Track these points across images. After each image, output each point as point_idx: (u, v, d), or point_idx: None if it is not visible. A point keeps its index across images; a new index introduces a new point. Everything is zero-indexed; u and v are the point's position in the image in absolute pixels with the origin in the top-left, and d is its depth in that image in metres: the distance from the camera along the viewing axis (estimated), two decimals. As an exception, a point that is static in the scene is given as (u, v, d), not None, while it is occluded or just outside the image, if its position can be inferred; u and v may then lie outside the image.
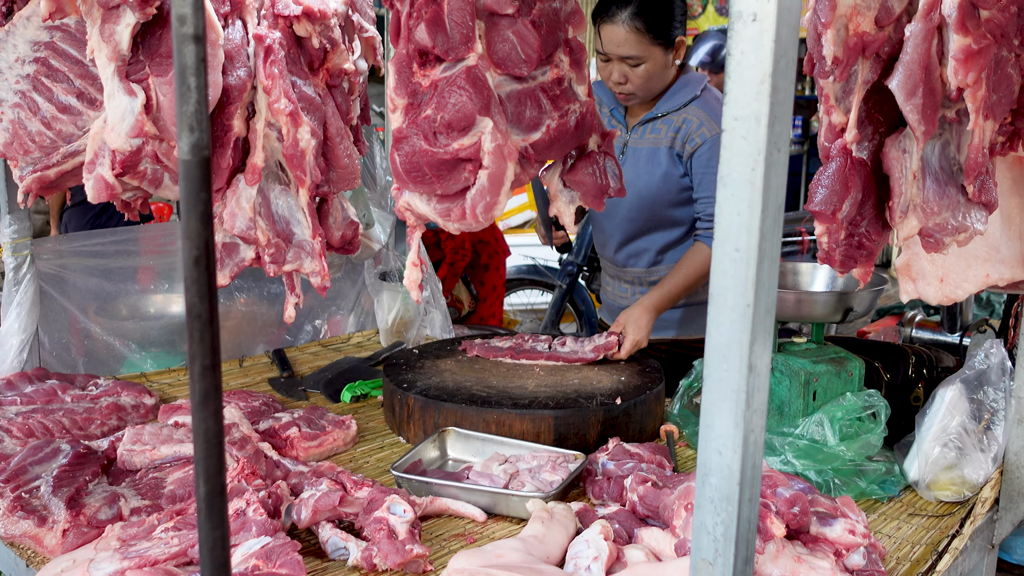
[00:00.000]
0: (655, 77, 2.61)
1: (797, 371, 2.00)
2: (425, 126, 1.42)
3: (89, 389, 2.40)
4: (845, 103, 1.33)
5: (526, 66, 1.41)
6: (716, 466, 0.99)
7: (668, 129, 2.65)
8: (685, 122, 2.62)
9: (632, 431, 2.17)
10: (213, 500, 0.93)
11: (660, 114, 2.68)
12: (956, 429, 1.90)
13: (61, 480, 1.81)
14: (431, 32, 1.42)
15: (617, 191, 1.56)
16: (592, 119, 1.51)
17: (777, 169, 0.94)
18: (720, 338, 0.97)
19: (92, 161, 1.76)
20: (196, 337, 0.89)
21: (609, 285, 2.99)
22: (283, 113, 1.76)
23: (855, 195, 1.31)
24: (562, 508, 1.68)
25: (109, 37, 1.65)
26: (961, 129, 1.31)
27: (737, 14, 0.92)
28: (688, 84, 2.69)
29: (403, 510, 1.67)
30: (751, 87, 0.92)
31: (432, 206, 1.47)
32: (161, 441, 1.99)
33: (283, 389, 2.66)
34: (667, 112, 2.67)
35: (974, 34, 1.21)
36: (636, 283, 2.86)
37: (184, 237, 0.87)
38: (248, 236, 1.83)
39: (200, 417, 0.90)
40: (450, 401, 2.14)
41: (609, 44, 2.54)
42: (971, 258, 1.51)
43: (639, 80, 2.59)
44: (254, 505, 1.63)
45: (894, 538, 1.76)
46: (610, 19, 2.52)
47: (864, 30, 1.29)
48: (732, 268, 0.96)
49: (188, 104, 0.85)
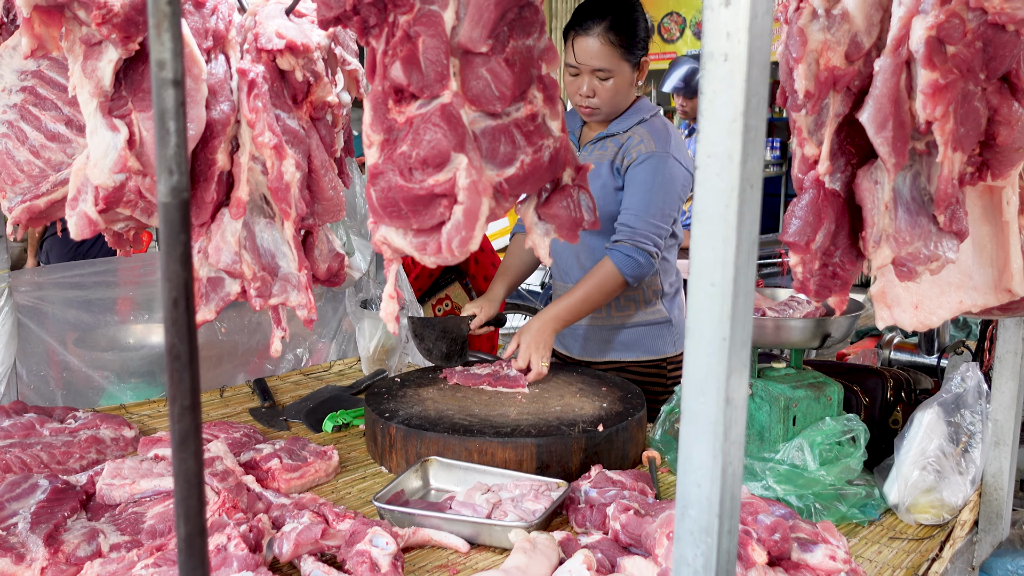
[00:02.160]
0: (621, 93, 2.71)
1: (777, 396, 2.01)
2: (401, 162, 1.43)
3: (68, 422, 2.38)
4: (817, 135, 1.36)
5: (500, 103, 1.42)
6: (695, 498, 1.00)
7: (613, 146, 2.76)
8: (628, 139, 2.74)
9: (614, 458, 2.17)
10: (193, 540, 0.93)
11: (611, 133, 2.79)
12: (934, 452, 1.92)
13: (39, 516, 1.79)
14: (406, 70, 1.44)
15: (591, 223, 1.57)
16: (566, 154, 1.53)
17: (750, 205, 0.96)
18: (697, 372, 0.98)
19: (75, 198, 1.76)
20: (176, 378, 0.89)
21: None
22: (267, 146, 1.77)
23: (828, 226, 1.33)
24: (544, 538, 1.68)
25: (91, 73, 1.66)
26: (931, 160, 1.33)
27: (709, 54, 0.94)
28: (640, 110, 2.80)
29: (385, 542, 1.66)
30: (723, 125, 0.94)
31: (408, 240, 1.48)
32: (141, 475, 1.98)
33: (264, 419, 2.65)
34: (616, 132, 2.77)
35: (941, 69, 1.24)
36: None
37: (163, 279, 0.88)
38: (233, 270, 1.83)
39: (180, 458, 0.90)
40: (432, 430, 2.14)
41: (582, 55, 2.64)
42: (944, 285, 1.53)
43: (607, 94, 2.69)
44: (235, 540, 1.62)
45: (875, 562, 1.77)
46: (584, 32, 2.63)
47: (835, 64, 1.31)
48: (708, 302, 0.97)
49: (168, 147, 0.86)
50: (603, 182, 2.73)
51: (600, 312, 2.83)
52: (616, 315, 2.85)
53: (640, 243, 2.60)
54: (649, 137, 2.69)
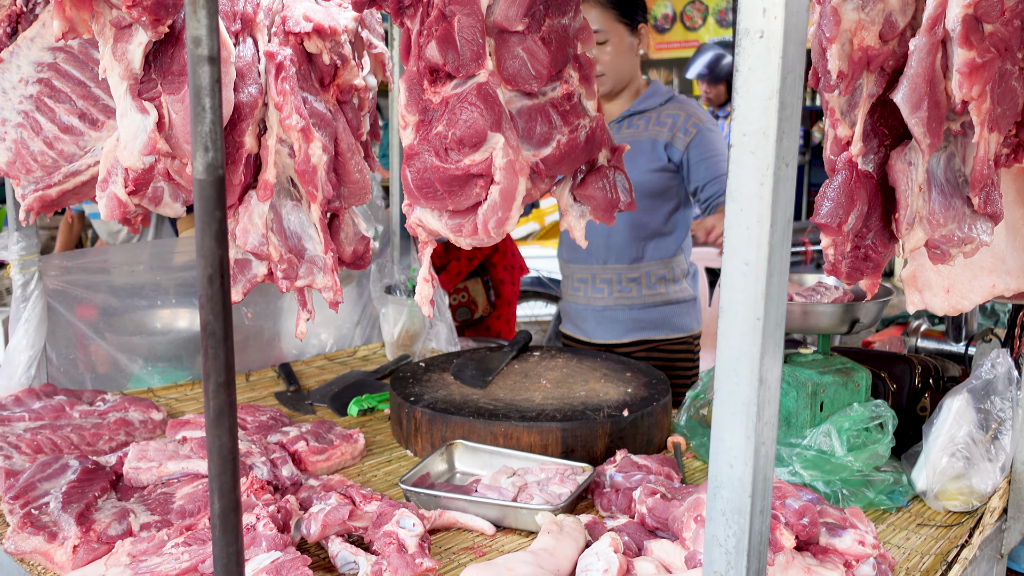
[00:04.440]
0: (622, 57, 2.74)
1: (804, 382, 2.00)
2: (436, 142, 1.43)
3: (97, 405, 2.41)
4: (850, 116, 1.34)
5: (536, 82, 1.42)
6: (727, 479, 1.00)
7: (648, 124, 2.78)
8: (670, 116, 2.77)
9: (639, 443, 2.17)
10: (227, 516, 0.93)
11: (638, 111, 2.81)
12: (963, 439, 1.90)
13: (70, 496, 1.81)
14: (442, 49, 1.43)
15: (627, 205, 1.57)
16: (602, 134, 1.51)
17: (785, 184, 0.95)
18: (730, 351, 0.98)
19: (105, 180, 1.77)
20: (211, 354, 0.89)
21: (579, 291, 3.00)
22: (295, 129, 1.77)
23: (861, 207, 1.32)
24: (571, 521, 1.69)
25: (122, 56, 1.67)
26: (966, 141, 1.32)
27: (744, 31, 0.93)
28: (659, 92, 2.85)
29: (412, 524, 1.67)
30: (759, 103, 0.93)
31: (444, 222, 1.47)
32: (167, 457, 2.00)
33: (290, 403, 2.67)
34: (645, 109, 2.80)
35: (978, 48, 1.22)
36: (617, 281, 2.88)
37: (199, 255, 0.88)
38: (260, 252, 1.84)
39: (215, 434, 0.91)
40: (457, 414, 2.15)
41: None
42: (977, 269, 1.52)
43: (607, 58, 2.72)
44: (264, 520, 1.63)
45: (903, 548, 1.76)
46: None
47: (868, 44, 1.30)
48: (742, 282, 0.96)
49: (203, 124, 0.86)
50: (647, 159, 2.75)
51: (631, 292, 2.84)
52: (647, 294, 2.86)
53: None
54: (693, 110, 2.76)
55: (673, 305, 2.87)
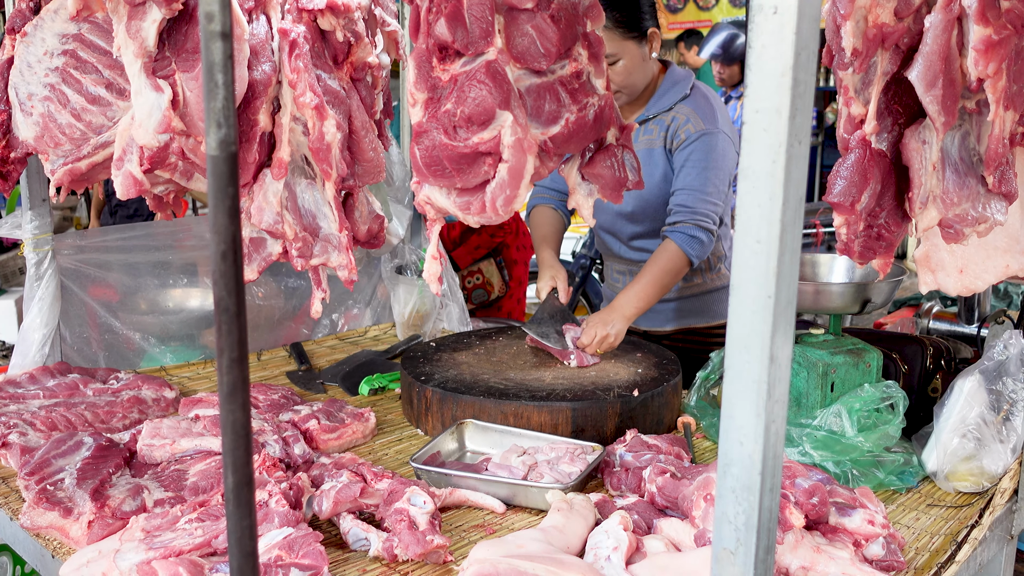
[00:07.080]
0: (635, 72, 2.61)
1: (815, 362, 2.00)
2: (445, 120, 1.42)
3: (110, 383, 2.43)
4: (864, 94, 1.33)
5: (545, 60, 1.41)
6: (737, 456, 1.00)
7: (660, 129, 2.66)
8: (673, 120, 2.64)
9: (649, 423, 2.18)
10: (241, 491, 0.94)
11: (652, 115, 2.69)
12: (975, 420, 1.90)
13: (85, 472, 1.83)
14: (451, 27, 1.43)
15: (635, 184, 1.56)
16: (610, 112, 1.51)
17: (798, 161, 0.94)
18: (741, 329, 0.98)
19: (120, 158, 1.77)
20: (224, 331, 0.90)
21: (617, 281, 2.98)
22: (309, 107, 1.77)
23: (874, 186, 1.31)
24: (581, 499, 1.70)
25: (135, 34, 1.67)
26: (981, 120, 1.30)
27: (758, 7, 0.92)
28: (676, 84, 2.70)
29: (423, 501, 1.68)
30: (772, 80, 0.92)
31: (452, 200, 1.47)
32: (180, 435, 2.02)
33: (301, 382, 2.68)
34: (658, 113, 2.68)
35: (994, 24, 1.21)
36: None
37: (212, 231, 0.88)
38: (275, 230, 1.84)
39: (228, 409, 0.91)
40: (468, 393, 2.15)
41: None
42: (991, 249, 1.51)
43: (620, 77, 2.58)
44: (276, 496, 1.65)
45: (913, 528, 1.76)
46: None
47: (883, 21, 1.28)
48: (753, 260, 0.96)
49: (216, 100, 0.86)
50: (663, 171, 2.65)
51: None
52: (685, 286, 2.82)
53: (700, 222, 2.54)
54: (695, 115, 2.61)
55: (712, 293, 2.84)
